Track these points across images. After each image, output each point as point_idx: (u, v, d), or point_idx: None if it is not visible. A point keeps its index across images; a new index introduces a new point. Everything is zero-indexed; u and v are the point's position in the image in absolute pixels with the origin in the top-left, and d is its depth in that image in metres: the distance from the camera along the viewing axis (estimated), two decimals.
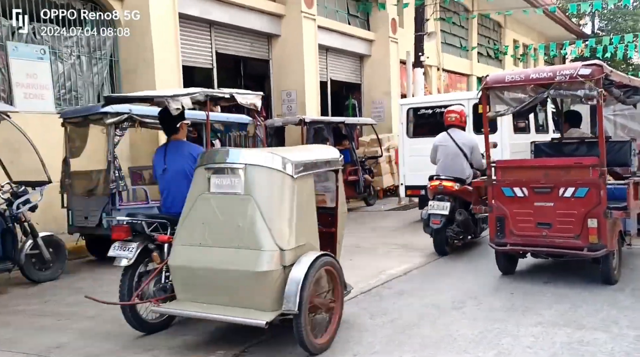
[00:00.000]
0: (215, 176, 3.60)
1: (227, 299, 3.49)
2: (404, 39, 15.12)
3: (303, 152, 3.92)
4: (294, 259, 3.42)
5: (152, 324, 4.07)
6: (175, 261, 3.64)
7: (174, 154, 4.40)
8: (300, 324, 3.34)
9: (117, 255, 4.00)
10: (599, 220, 4.54)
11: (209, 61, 11.03)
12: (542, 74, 4.81)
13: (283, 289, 3.36)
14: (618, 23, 33.45)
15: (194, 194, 3.67)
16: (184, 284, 3.65)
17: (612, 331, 3.66)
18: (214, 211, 3.55)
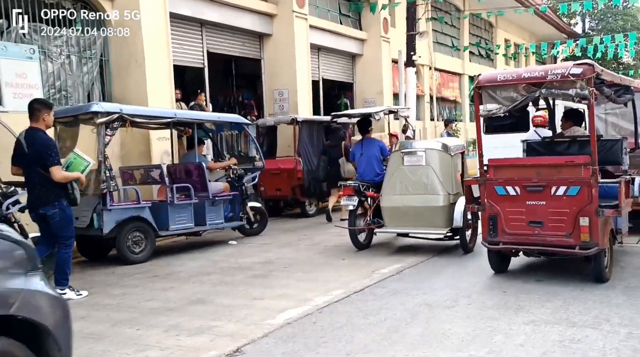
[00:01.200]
0: (407, 156, 6.48)
1: (418, 223, 6.26)
2: (396, 39, 15.15)
3: (451, 142, 6.88)
4: (455, 199, 6.26)
5: (362, 244, 6.79)
6: (385, 203, 6.53)
7: (368, 146, 7.58)
8: (463, 234, 6.23)
9: (346, 203, 6.91)
10: (591, 218, 4.56)
11: (201, 61, 10.99)
12: (534, 73, 4.83)
13: (452, 216, 6.15)
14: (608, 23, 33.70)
15: (392, 166, 6.59)
16: (391, 216, 6.51)
17: (604, 329, 3.67)
18: (407, 174, 6.42)
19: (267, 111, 12.58)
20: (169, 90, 9.37)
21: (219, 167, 8.56)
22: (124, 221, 6.58)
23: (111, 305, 4.90)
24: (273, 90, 12.47)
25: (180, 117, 7.70)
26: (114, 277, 6.03)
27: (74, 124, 6.92)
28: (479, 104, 5.14)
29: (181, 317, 4.38)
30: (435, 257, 6.26)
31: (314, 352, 3.50)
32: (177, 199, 7.16)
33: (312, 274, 5.65)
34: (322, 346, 3.59)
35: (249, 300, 4.78)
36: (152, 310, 4.64)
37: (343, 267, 5.97)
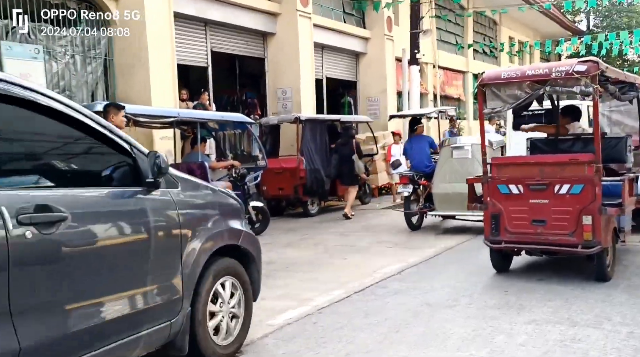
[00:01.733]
0: (455, 150, 7.70)
1: (464, 207, 5.98)
2: (400, 37, 15.10)
3: (493, 137, 8.29)
4: None
5: (415, 225, 8.11)
6: (437, 190, 7.81)
7: (418, 141, 8.72)
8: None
9: (402, 190, 8.24)
10: (594, 217, 4.53)
11: (204, 60, 10.99)
12: (538, 71, 4.81)
13: None
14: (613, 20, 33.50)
15: (443, 159, 7.83)
16: (441, 201, 7.76)
17: (605, 328, 3.65)
18: (455, 166, 7.58)
19: (270, 110, 12.58)
20: (172, 90, 9.39)
21: (222, 166, 8.57)
22: None
23: None
24: (276, 89, 12.47)
25: (183, 116, 7.72)
26: None
27: None
28: (483, 101, 5.11)
29: None
30: (436, 256, 6.24)
31: (314, 353, 3.49)
32: None
33: (313, 274, 5.65)
34: (322, 346, 3.58)
35: None
36: None
37: (344, 267, 5.96)
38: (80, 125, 2.68)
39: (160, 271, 2.91)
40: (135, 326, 2.74)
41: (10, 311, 2.15)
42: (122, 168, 2.86)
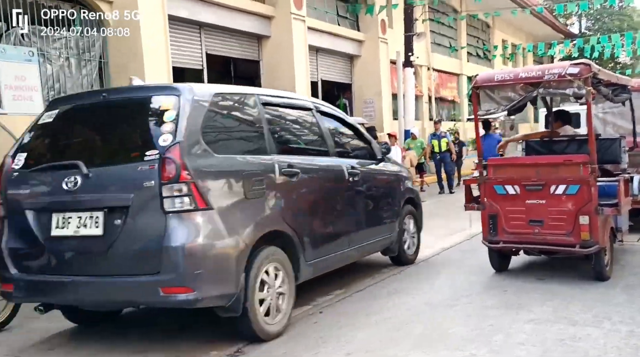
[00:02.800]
0: (519, 144, 7.48)
1: None
2: (394, 40, 15.18)
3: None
4: None
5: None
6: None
7: (488, 139, 9.47)
8: None
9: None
10: (591, 217, 4.56)
11: (199, 62, 10.99)
12: (531, 73, 4.85)
13: None
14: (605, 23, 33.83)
15: (509, 153, 7.91)
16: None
17: (604, 327, 3.68)
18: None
19: None
20: None
21: None
22: None
23: None
24: None
25: None
26: None
27: None
28: (477, 103, 5.15)
29: (181, 317, 4.37)
30: (435, 257, 6.26)
31: (315, 352, 3.50)
32: None
33: None
34: (322, 346, 3.59)
35: None
36: (152, 311, 4.64)
37: (344, 266, 5.95)
38: (348, 125, 5.32)
39: (387, 204, 5.36)
40: (375, 235, 5.12)
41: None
42: (365, 149, 5.35)
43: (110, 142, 3.78)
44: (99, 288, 3.43)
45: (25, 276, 3.60)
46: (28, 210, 3.62)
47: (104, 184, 3.44)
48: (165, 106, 3.47)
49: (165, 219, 3.24)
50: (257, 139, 3.98)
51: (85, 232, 3.43)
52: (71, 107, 3.99)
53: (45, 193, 3.61)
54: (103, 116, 3.82)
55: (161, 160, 3.26)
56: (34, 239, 3.57)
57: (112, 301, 3.66)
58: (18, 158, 3.77)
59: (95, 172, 3.45)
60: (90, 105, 3.89)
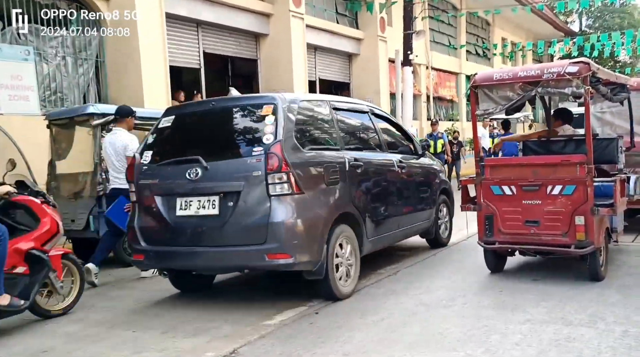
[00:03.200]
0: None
1: None
2: (393, 38, 15.15)
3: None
4: None
5: None
6: None
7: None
8: None
9: None
10: (586, 217, 4.56)
11: (197, 61, 10.98)
12: (530, 72, 4.84)
13: None
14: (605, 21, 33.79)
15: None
16: None
17: (599, 327, 3.68)
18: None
19: None
20: (165, 91, 9.36)
21: None
22: None
23: (108, 307, 4.89)
24: (270, 90, 12.46)
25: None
26: (110, 279, 6.03)
27: (69, 126, 6.90)
28: (475, 103, 5.14)
29: (178, 318, 4.38)
30: (431, 257, 6.26)
31: (312, 353, 3.50)
32: None
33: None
34: (319, 347, 3.59)
35: (246, 301, 4.78)
36: (149, 312, 4.64)
37: None
38: (395, 125, 6.32)
39: (427, 193, 6.20)
40: (417, 220, 6.01)
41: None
42: (408, 146, 6.21)
43: (223, 141, 4.71)
44: (214, 256, 4.38)
45: (153, 247, 4.59)
46: (157, 195, 4.58)
47: (220, 174, 4.35)
48: (265, 112, 4.42)
49: (270, 200, 4.16)
50: (331, 137, 4.95)
51: (204, 212, 4.36)
52: (185, 113, 5.04)
53: (171, 182, 4.54)
54: (214, 120, 4.79)
55: (266, 155, 4.17)
56: (161, 219, 4.53)
57: (225, 267, 4.68)
58: (145, 155, 4.76)
59: (212, 165, 4.38)
60: (201, 112, 4.93)
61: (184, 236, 4.42)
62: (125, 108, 6.25)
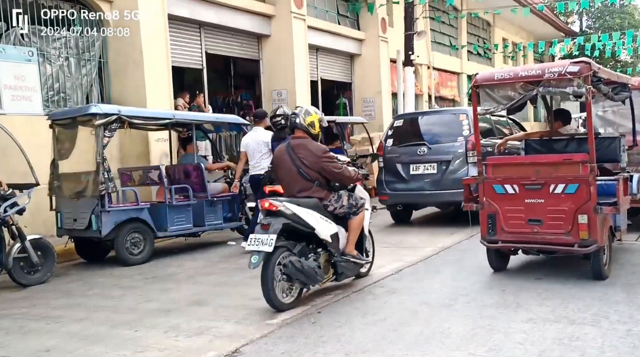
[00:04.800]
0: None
1: None
2: (394, 38, 15.15)
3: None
4: None
5: None
6: None
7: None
8: None
9: None
10: (589, 216, 4.55)
11: (199, 62, 10.99)
12: (531, 72, 4.83)
13: None
14: (606, 21, 33.74)
15: None
16: None
17: (603, 326, 3.67)
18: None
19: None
20: (167, 92, 9.38)
21: (218, 167, 8.56)
22: (122, 222, 6.57)
23: (110, 306, 4.89)
24: (272, 90, 12.48)
25: (178, 118, 7.70)
26: (112, 279, 6.03)
27: (72, 126, 6.91)
28: (477, 102, 5.14)
29: (180, 318, 4.38)
30: (433, 256, 6.26)
31: (313, 352, 3.49)
32: (176, 200, 7.15)
33: None
34: (321, 346, 3.58)
35: (248, 300, 4.77)
36: (151, 311, 4.64)
37: None
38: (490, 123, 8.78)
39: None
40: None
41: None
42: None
43: (438, 133, 8.35)
44: (433, 196, 8.17)
45: (393, 193, 8.40)
46: (397, 163, 8.40)
47: (438, 151, 8.10)
48: (462, 118, 8.21)
49: (467, 165, 7.83)
50: (489, 129, 8.37)
51: (427, 172, 8.12)
52: (411, 117, 9.47)
53: (407, 156, 8.31)
54: (431, 121, 8.92)
55: (466, 141, 7.90)
56: (399, 176, 8.34)
57: (439, 202, 8.52)
58: (387, 142, 8.66)
59: (433, 146, 8.11)
60: (421, 116, 8.57)
61: (414, 185, 8.18)
62: (262, 112, 7.75)
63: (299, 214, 4.44)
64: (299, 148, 4.71)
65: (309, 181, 4.68)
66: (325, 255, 4.65)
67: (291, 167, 4.70)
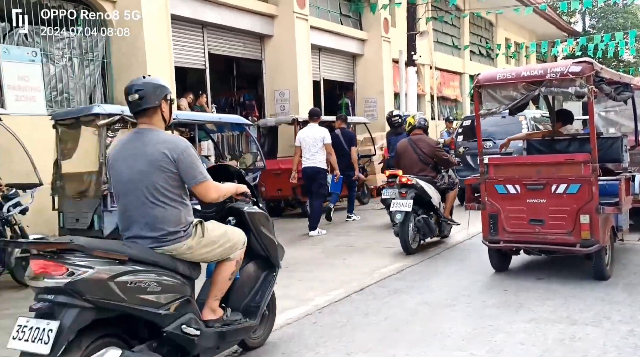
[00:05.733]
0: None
1: None
2: (397, 38, 15.14)
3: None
4: None
5: None
6: None
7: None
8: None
9: None
10: (591, 216, 4.55)
11: (202, 62, 11.00)
12: (534, 72, 4.83)
13: None
14: (609, 21, 33.65)
15: None
16: None
17: (604, 326, 3.67)
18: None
19: (268, 112, 12.59)
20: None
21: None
22: None
23: None
24: (274, 90, 12.48)
25: (181, 118, 7.71)
26: None
27: (75, 126, 6.92)
28: (479, 103, 5.14)
29: None
30: (435, 256, 6.25)
31: (314, 352, 3.50)
32: None
33: (312, 274, 5.66)
34: (322, 346, 3.59)
35: None
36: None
37: (343, 267, 5.97)
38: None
39: None
40: None
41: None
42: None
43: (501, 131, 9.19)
44: None
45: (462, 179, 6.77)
46: (467, 155, 9.86)
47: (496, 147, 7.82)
48: (521, 118, 9.84)
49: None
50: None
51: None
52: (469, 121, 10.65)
53: (474, 148, 8.27)
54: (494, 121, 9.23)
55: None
56: (469, 165, 9.71)
57: None
58: (458, 138, 10.66)
59: (497, 141, 8.26)
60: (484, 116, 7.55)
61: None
62: (316, 110, 8.47)
63: (424, 187, 6.32)
64: (418, 141, 6.73)
65: (426, 164, 6.62)
66: (435, 217, 6.53)
67: (413, 155, 6.67)
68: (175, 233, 2.83)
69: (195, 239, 2.91)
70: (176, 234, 2.84)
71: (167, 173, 2.84)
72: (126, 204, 2.89)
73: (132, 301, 2.57)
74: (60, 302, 2.43)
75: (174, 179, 2.86)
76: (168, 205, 2.83)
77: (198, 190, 2.91)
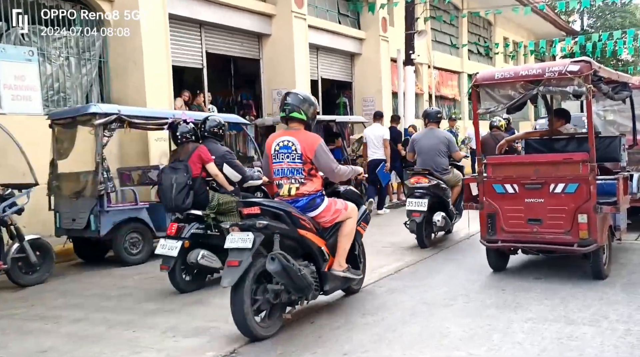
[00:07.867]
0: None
1: None
2: (395, 37, 15.12)
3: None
4: None
5: None
6: None
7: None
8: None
9: None
10: (589, 215, 4.54)
11: (199, 61, 10.97)
12: (532, 71, 4.82)
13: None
14: (607, 20, 33.69)
15: None
16: None
17: (602, 326, 3.66)
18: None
19: (265, 111, 12.56)
20: (167, 91, 9.36)
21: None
22: (121, 222, 6.56)
23: (108, 307, 4.89)
24: (272, 90, 12.45)
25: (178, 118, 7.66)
26: (111, 279, 6.02)
27: (72, 126, 6.90)
28: (477, 102, 5.12)
29: (178, 318, 4.37)
30: (433, 256, 6.24)
31: (312, 352, 3.48)
32: None
33: None
34: (319, 346, 3.57)
35: None
36: (149, 311, 4.63)
37: None
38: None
39: None
40: None
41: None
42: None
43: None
44: None
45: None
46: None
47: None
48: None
49: None
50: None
51: None
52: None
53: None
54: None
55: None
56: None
57: None
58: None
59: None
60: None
61: None
62: (380, 112, 10.45)
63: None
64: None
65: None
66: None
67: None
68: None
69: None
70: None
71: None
72: None
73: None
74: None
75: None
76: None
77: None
